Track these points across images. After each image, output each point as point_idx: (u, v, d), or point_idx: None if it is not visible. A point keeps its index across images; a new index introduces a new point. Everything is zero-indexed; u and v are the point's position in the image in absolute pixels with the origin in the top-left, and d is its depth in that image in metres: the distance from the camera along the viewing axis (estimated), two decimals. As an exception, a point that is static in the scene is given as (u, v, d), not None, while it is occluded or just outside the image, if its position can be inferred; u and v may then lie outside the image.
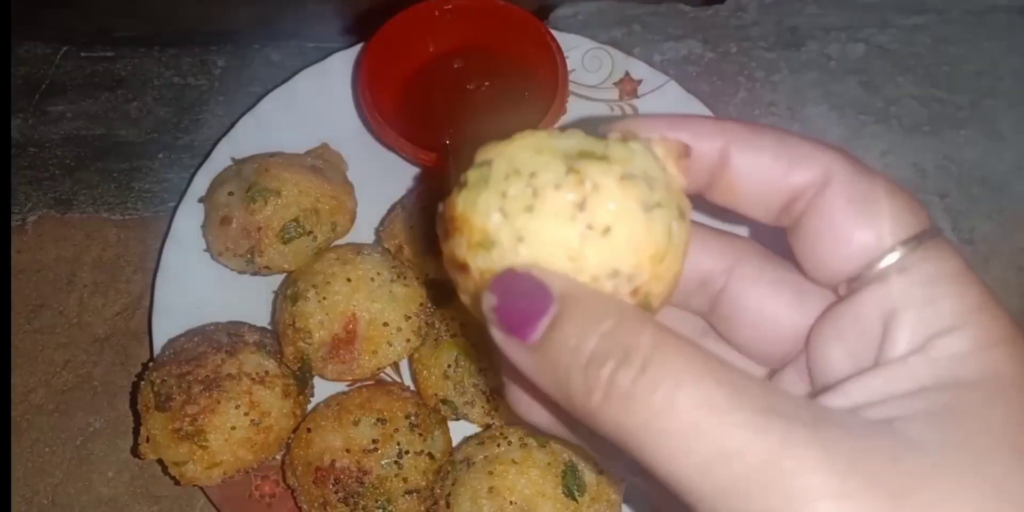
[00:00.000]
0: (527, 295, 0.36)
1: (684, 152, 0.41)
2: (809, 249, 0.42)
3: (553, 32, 0.91)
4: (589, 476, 0.77)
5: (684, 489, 0.33)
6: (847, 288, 0.42)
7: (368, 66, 0.88)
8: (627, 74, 0.97)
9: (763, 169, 0.42)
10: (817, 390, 0.43)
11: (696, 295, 0.48)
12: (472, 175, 0.39)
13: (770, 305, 0.46)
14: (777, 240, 0.45)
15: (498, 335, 0.37)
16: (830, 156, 0.41)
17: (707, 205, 0.45)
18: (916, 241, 0.39)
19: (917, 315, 0.38)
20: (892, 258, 0.39)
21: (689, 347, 0.34)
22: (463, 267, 0.39)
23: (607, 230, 0.36)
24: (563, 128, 0.42)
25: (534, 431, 0.53)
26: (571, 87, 0.91)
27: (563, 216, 0.36)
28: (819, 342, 0.43)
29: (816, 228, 0.42)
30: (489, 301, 0.37)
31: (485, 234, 0.37)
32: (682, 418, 0.32)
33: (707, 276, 0.47)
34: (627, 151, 0.38)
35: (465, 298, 0.41)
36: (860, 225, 0.40)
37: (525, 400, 0.45)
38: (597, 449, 0.47)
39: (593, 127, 0.41)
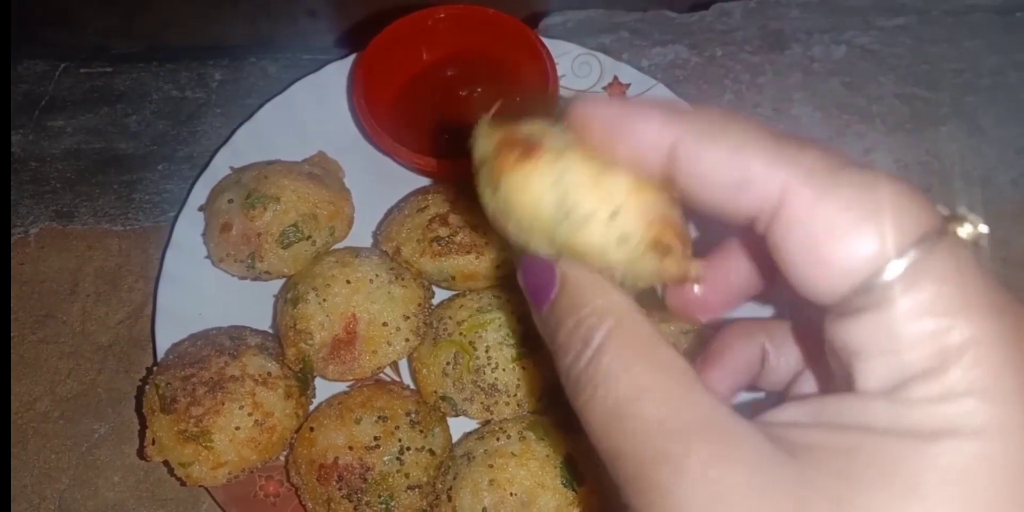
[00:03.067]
0: (543, 276, 0.43)
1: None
2: (786, 268, 0.38)
3: (543, 39, 0.93)
4: (588, 467, 0.78)
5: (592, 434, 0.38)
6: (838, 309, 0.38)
7: (363, 75, 0.90)
8: (616, 78, 0.99)
9: (714, 181, 0.39)
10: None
11: None
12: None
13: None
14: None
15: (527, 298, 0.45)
16: (787, 171, 0.37)
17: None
18: (912, 250, 0.35)
19: (887, 359, 0.35)
20: (882, 278, 0.35)
21: (637, 347, 0.39)
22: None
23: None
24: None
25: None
26: (562, 92, 0.93)
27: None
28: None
29: (790, 248, 0.37)
30: (521, 277, 0.45)
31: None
32: (614, 390, 0.37)
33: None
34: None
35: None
36: (839, 239, 0.36)
37: None
38: None
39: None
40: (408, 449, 0.80)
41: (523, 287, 0.45)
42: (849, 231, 0.35)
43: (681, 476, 0.34)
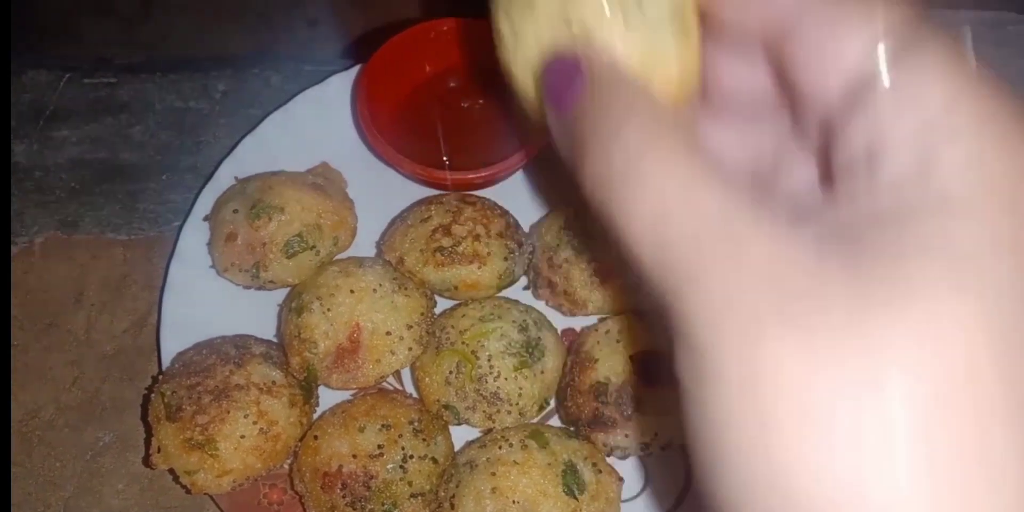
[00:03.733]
0: (568, 73, 0.41)
1: None
2: (794, 71, 0.39)
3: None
4: (588, 475, 0.79)
5: (632, 242, 0.36)
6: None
7: (366, 86, 0.91)
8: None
9: None
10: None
11: None
12: None
13: None
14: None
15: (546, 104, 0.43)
16: None
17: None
18: (895, 43, 0.36)
19: (899, 150, 0.35)
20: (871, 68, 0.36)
21: (672, 145, 0.37)
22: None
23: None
24: None
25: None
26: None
27: None
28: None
29: (798, 50, 0.38)
30: (543, 79, 0.43)
31: None
32: (648, 185, 0.36)
33: None
34: None
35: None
36: (836, 32, 0.37)
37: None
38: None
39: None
40: (411, 457, 0.81)
41: (545, 91, 0.43)
42: (851, 29, 0.37)
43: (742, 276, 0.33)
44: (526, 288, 0.93)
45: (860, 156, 0.36)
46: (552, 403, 0.88)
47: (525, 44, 0.44)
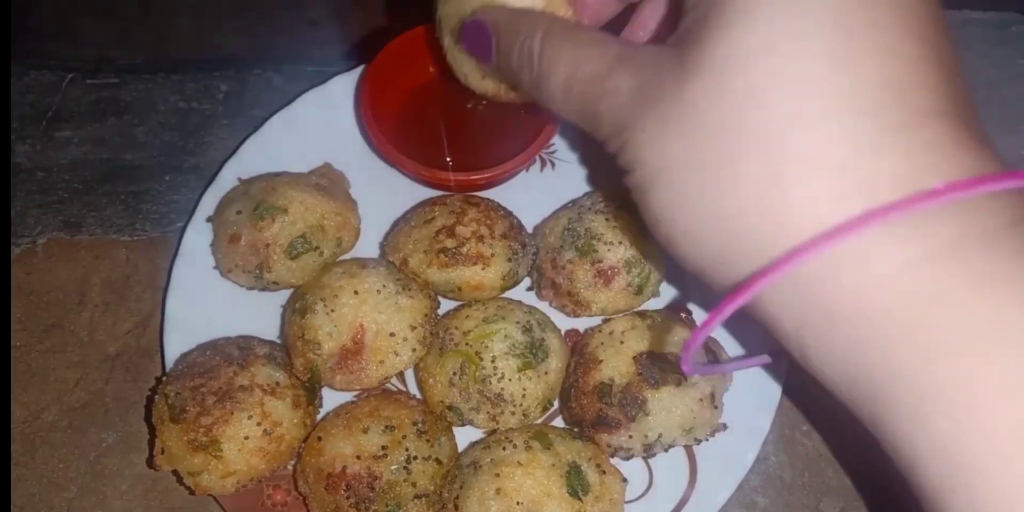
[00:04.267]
0: (478, 33, 0.61)
1: None
2: None
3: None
4: (592, 476, 0.79)
5: (556, 102, 0.55)
6: None
7: (370, 87, 0.91)
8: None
9: None
10: None
11: None
12: None
13: None
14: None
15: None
16: None
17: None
18: None
19: None
20: None
21: (565, 32, 0.55)
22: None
23: None
24: None
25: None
26: None
27: None
28: None
29: None
30: (464, 45, 0.65)
31: None
32: (560, 71, 0.53)
33: None
34: None
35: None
36: None
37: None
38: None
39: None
40: (415, 458, 0.81)
41: (469, 52, 0.64)
42: None
43: (618, 94, 0.49)
44: (529, 289, 0.93)
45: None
46: (556, 404, 0.88)
47: (449, 21, 0.66)
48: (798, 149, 0.41)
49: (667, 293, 0.93)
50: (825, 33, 0.41)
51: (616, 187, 0.67)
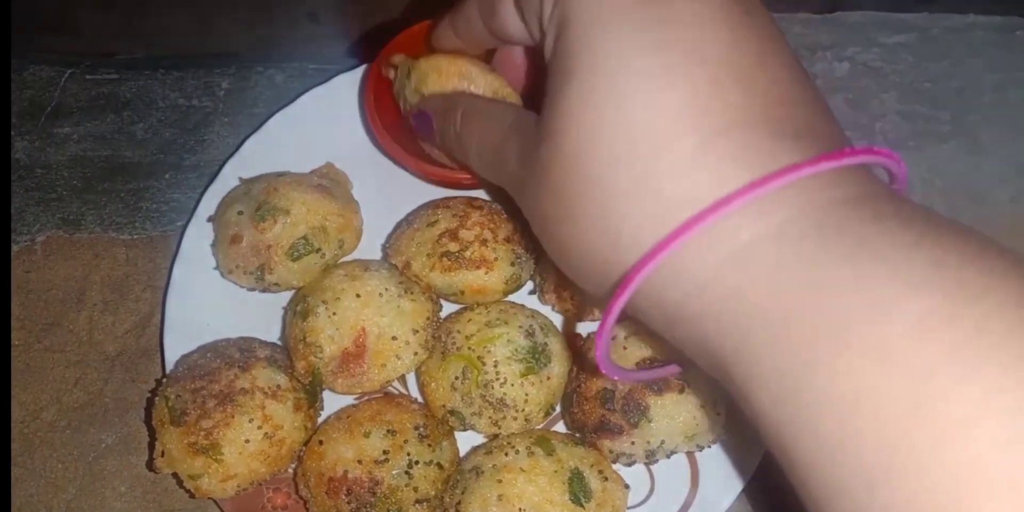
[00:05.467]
0: (423, 117, 0.71)
1: None
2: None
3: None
4: (595, 483, 0.79)
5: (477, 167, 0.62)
6: None
7: (373, 84, 0.90)
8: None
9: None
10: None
11: None
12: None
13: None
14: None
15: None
16: None
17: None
18: None
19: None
20: None
21: (478, 108, 0.64)
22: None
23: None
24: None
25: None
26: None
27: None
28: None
29: None
30: (415, 127, 0.74)
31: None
32: (472, 143, 0.62)
33: None
34: None
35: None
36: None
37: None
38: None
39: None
40: (417, 463, 0.81)
41: (419, 134, 0.76)
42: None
43: (509, 159, 0.55)
44: (532, 293, 0.93)
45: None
46: (558, 409, 0.88)
47: (408, 102, 0.76)
48: (623, 182, 0.45)
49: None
50: (629, 80, 0.45)
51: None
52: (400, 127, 0.93)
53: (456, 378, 0.84)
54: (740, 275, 0.41)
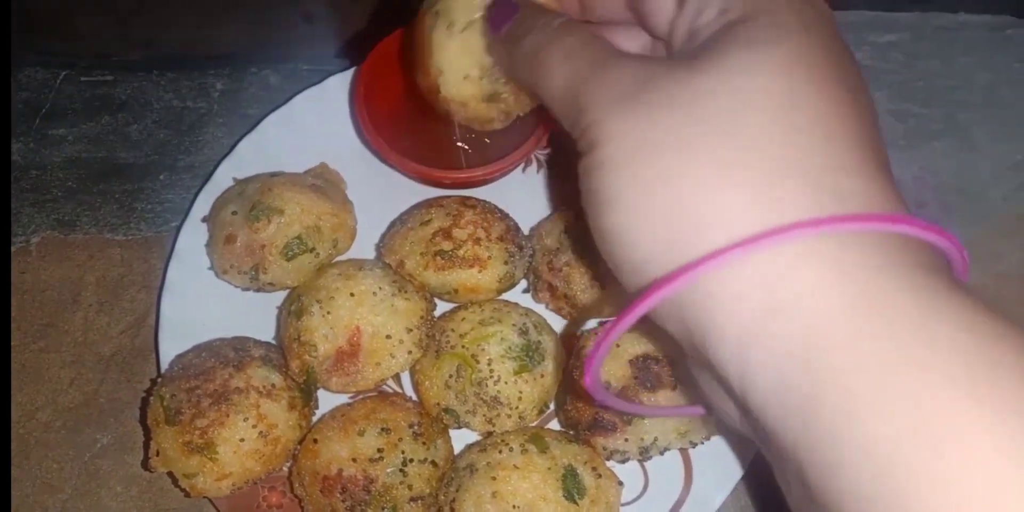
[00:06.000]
0: (507, 5, 0.61)
1: None
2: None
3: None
4: (588, 479, 0.79)
5: (555, 105, 0.53)
6: None
7: (363, 86, 0.91)
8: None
9: None
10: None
11: None
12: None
13: None
14: None
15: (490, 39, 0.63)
16: None
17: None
18: None
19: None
20: None
21: (584, 33, 0.54)
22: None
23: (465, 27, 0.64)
24: None
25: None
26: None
27: (447, 37, 0.65)
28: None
29: None
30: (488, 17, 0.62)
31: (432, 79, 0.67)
32: (568, 41, 0.54)
33: None
34: None
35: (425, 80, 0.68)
36: None
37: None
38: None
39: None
40: (411, 461, 0.81)
41: (490, 20, 0.62)
42: None
43: (615, 70, 0.50)
44: (526, 291, 0.93)
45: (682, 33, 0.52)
46: (552, 407, 0.88)
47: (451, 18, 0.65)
48: (732, 161, 0.43)
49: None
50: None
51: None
52: (391, 127, 0.93)
53: (450, 376, 0.84)
54: (807, 338, 0.39)
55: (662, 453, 0.83)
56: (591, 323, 0.90)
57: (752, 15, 0.47)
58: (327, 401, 0.88)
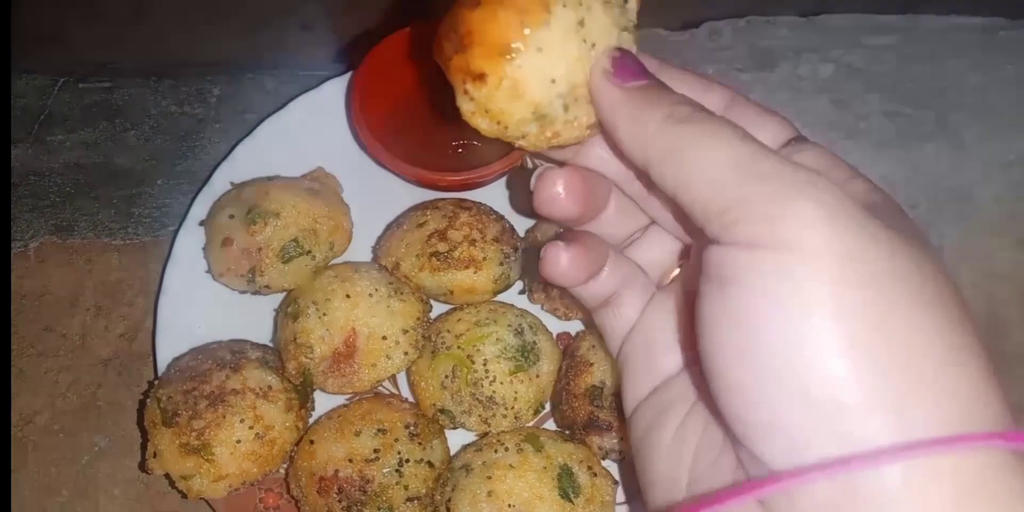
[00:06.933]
0: (634, 64, 0.50)
1: None
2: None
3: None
4: (584, 478, 0.80)
5: (693, 199, 0.45)
6: None
7: (360, 89, 0.92)
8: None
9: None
10: None
11: None
12: None
13: None
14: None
15: (606, 84, 0.50)
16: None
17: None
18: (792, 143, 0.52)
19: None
20: None
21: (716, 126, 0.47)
22: (480, 76, 0.47)
23: (594, 45, 0.49)
24: None
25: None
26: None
27: (570, 31, 0.47)
28: None
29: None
30: (604, 63, 0.49)
31: (506, 44, 0.46)
32: (709, 153, 0.45)
33: None
34: None
35: (470, 106, 0.50)
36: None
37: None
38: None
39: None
40: (407, 461, 0.81)
41: (616, 71, 0.50)
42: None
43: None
44: (521, 292, 0.93)
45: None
46: (547, 407, 0.89)
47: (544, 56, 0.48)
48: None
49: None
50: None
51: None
52: (387, 130, 0.94)
53: (446, 377, 0.85)
54: None
55: (657, 452, 0.83)
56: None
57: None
58: (323, 402, 0.88)
